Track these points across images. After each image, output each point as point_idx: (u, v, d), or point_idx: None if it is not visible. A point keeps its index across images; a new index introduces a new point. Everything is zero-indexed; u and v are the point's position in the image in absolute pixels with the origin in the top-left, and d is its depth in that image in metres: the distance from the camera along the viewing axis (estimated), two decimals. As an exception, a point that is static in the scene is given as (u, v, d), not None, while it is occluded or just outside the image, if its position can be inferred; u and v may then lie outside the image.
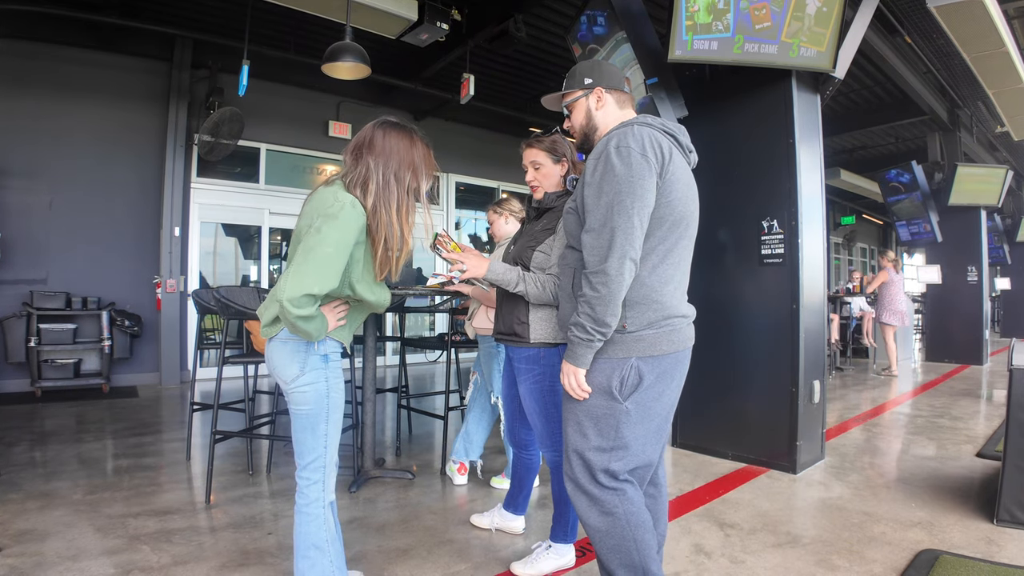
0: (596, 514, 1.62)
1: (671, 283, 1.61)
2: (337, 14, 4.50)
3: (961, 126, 8.09)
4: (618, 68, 1.82)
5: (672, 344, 1.60)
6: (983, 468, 3.38)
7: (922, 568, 2.16)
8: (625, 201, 1.50)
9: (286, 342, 1.65)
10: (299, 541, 1.68)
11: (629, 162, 1.52)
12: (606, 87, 1.76)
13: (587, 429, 1.62)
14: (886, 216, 11.89)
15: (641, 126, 1.61)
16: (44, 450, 3.69)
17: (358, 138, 1.69)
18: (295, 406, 1.67)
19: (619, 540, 1.60)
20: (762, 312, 3.48)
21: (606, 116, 1.77)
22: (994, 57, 5.01)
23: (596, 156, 1.60)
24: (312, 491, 1.68)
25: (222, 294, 2.87)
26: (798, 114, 3.40)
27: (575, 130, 1.83)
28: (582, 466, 1.63)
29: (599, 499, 1.61)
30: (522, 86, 7.83)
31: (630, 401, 1.59)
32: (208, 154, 6.33)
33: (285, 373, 1.65)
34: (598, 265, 1.51)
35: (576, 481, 1.65)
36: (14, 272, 5.57)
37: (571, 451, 1.66)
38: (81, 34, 5.80)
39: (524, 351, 2.10)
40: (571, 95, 1.81)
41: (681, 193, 1.61)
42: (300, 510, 1.68)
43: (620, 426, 1.59)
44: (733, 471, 3.38)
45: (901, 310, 7.10)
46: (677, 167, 1.62)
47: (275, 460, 3.41)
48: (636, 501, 1.63)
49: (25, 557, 2.18)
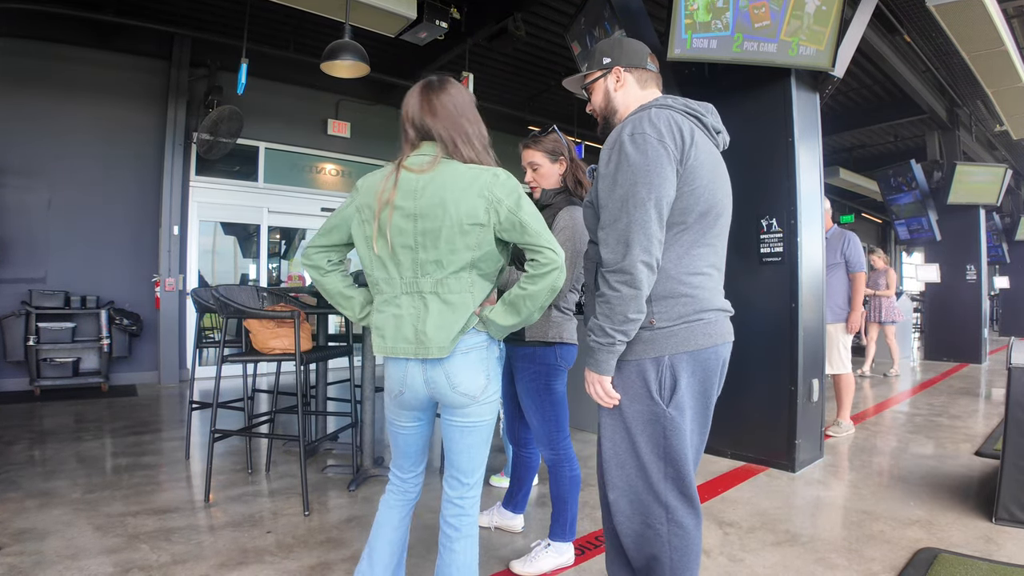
0: (637, 523, 1.51)
1: (700, 274, 1.49)
2: (336, 12, 4.49)
3: (960, 125, 8.08)
4: (642, 45, 1.67)
5: (708, 338, 1.48)
6: (982, 467, 3.39)
7: (921, 566, 2.16)
8: (640, 193, 1.38)
9: (468, 352, 1.46)
10: (463, 574, 1.51)
11: (644, 150, 1.40)
12: (625, 66, 1.63)
13: (636, 436, 1.48)
14: (885, 215, 11.89)
15: (660, 108, 1.49)
16: (43, 449, 3.69)
17: (425, 103, 1.48)
18: (478, 419, 1.49)
19: (656, 552, 1.49)
20: (761, 311, 3.48)
21: (626, 97, 1.64)
22: (993, 56, 5.01)
23: (610, 145, 1.48)
24: (476, 509, 1.55)
25: (221, 293, 2.86)
26: (797, 113, 3.40)
27: (596, 113, 1.72)
28: (624, 476, 1.51)
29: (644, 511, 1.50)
30: (521, 84, 7.83)
31: (672, 405, 1.46)
32: (207, 152, 6.32)
33: (472, 387, 1.46)
34: (616, 263, 1.39)
35: (618, 491, 1.52)
36: (13, 271, 5.56)
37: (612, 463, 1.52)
38: (80, 32, 5.78)
39: (520, 349, 2.12)
40: (591, 76, 1.68)
41: (707, 180, 1.47)
42: (464, 535, 1.52)
43: (668, 433, 1.46)
44: (732, 470, 3.38)
45: (897, 307, 7.15)
46: (701, 151, 1.47)
47: (274, 459, 3.41)
48: (686, 524, 1.48)
49: (24, 556, 2.18)
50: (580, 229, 2.11)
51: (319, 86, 7.00)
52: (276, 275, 7.73)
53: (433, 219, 1.41)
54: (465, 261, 1.43)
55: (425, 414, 1.60)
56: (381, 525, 1.61)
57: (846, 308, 4.12)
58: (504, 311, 1.46)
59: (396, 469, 1.65)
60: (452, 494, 1.55)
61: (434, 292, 1.44)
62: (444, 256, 1.42)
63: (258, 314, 2.82)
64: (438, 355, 1.43)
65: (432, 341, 1.42)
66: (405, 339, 1.45)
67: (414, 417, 1.58)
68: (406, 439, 1.61)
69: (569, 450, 2.19)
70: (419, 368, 1.47)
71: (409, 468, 1.63)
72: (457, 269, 1.43)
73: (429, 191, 1.42)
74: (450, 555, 1.52)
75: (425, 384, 1.48)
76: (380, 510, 1.64)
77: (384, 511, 1.63)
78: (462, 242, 1.41)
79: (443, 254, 1.42)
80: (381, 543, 1.59)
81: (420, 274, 1.44)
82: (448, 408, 1.51)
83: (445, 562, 1.52)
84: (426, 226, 1.42)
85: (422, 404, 1.54)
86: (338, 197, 7.82)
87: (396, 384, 1.53)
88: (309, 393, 3.69)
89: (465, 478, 1.54)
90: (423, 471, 1.66)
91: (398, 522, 1.62)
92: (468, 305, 1.45)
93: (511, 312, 1.45)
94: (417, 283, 1.45)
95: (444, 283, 1.44)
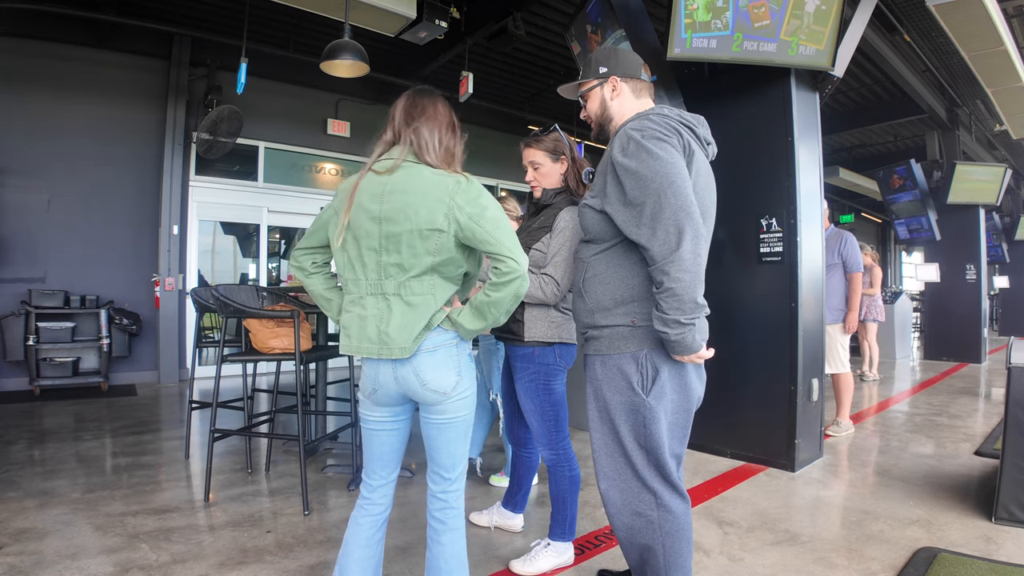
0: (628, 514, 1.57)
1: None
2: (336, 12, 4.49)
3: (960, 124, 8.09)
4: (636, 56, 1.76)
5: None
6: (981, 466, 3.39)
7: (920, 566, 2.16)
8: (676, 181, 1.43)
9: (435, 351, 1.49)
10: (451, 564, 1.53)
11: (664, 146, 1.47)
12: (621, 76, 1.70)
13: (619, 426, 1.57)
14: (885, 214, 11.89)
15: (659, 117, 1.56)
16: (43, 448, 3.69)
17: (406, 107, 1.54)
18: (453, 415, 1.52)
19: (648, 541, 1.55)
20: (761, 310, 3.48)
21: (621, 106, 1.71)
22: (993, 56, 5.00)
23: (622, 149, 1.52)
24: (460, 502, 1.58)
25: (221, 292, 2.86)
26: (797, 112, 3.40)
27: (591, 120, 1.77)
28: (613, 465, 1.59)
29: (634, 499, 1.57)
30: (521, 84, 7.83)
31: (652, 396, 1.53)
32: (206, 152, 6.32)
33: (443, 383, 1.49)
34: (669, 252, 1.41)
35: (609, 479, 1.60)
36: (12, 270, 5.56)
37: (602, 452, 1.61)
38: (79, 32, 5.78)
39: (520, 349, 2.12)
40: (586, 84, 1.75)
41: (701, 188, 1.55)
42: (450, 528, 1.55)
43: (647, 422, 1.54)
44: (731, 469, 3.38)
45: (880, 306, 6.82)
46: (698, 160, 1.56)
47: (274, 458, 3.41)
48: (675, 509, 1.56)
49: (24, 556, 2.18)
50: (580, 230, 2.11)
51: (319, 85, 7.00)
52: (276, 275, 7.72)
53: (396, 223, 1.44)
54: (426, 265, 1.46)
55: (402, 412, 1.60)
56: (349, 543, 1.59)
57: (844, 308, 4.12)
58: (471, 315, 1.49)
59: (367, 477, 1.63)
60: (436, 489, 1.58)
61: (397, 294, 1.48)
62: (406, 259, 1.46)
63: (258, 313, 2.82)
64: (400, 355, 1.46)
65: (395, 342, 1.46)
66: (369, 339, 1.49)
67: (390, 414, 1.59)
68: (380, 440, 1.60)
69: (568, 450, 2.19)
70: (389, 367, 1.50)
71: (381, 474, 1.61)
72: (419, 273, 1.47)
73: (394, 195, 1.45)
74: (438, 548, 1.55)
75: (395, 382, 1.51)
76: (349, 526, 1.61)
77: (352, 528, 1.60)
78: (422, 247, 1.44)
79: (405, 258, 1.46)
80: (350, 562, 1.57)
81: (384, 276, 1.48)
82: (424, 405, 1.54)
83: (434, 555, 1.56)
84: (390, 230, 1.45)
85: (396, 401, 1.56)
86: (338, 197, 7.81)
87: (369, 382, 1.55)
88: (309, 393, 3.69)
89: (447, 473, 1.57)
90: (393, 481, 1.64)
91: (365, 540, 1.58)
92: (430, 306, 1.48)
93: (477, 316, 1.48)
94: (381, 284, 1.49)
95: (406, 285, 1.47)
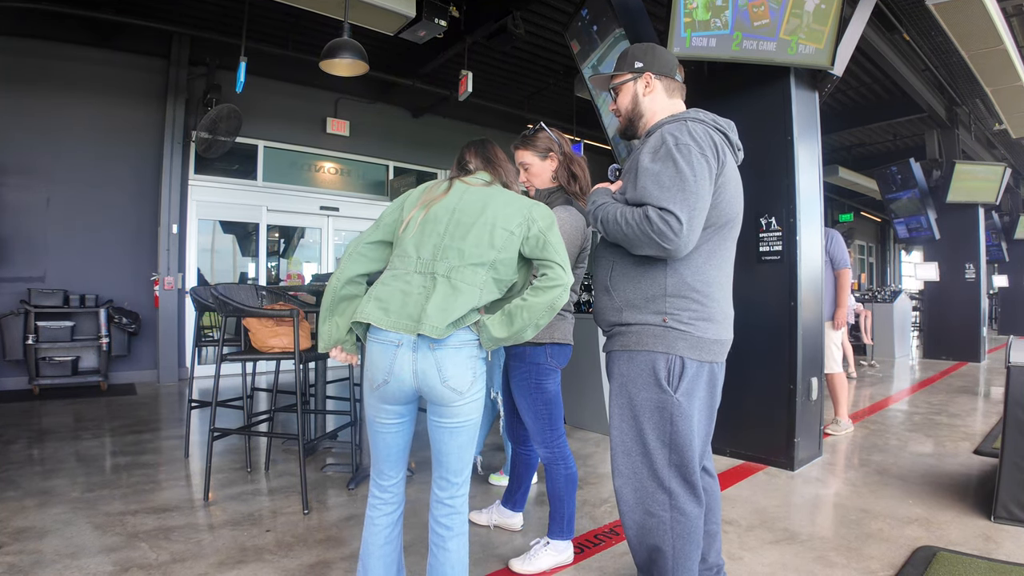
0: (640, 513, 1.57)
1: (714, 284, 1.59)
2: (335, 11, 4.49)
3: (959, 123, 8.09)
4: (672, 56, 1.75)
5: (715, 343, 1.60)
6: (980, 465, 3.39)
7: (919, 565, 2.16)
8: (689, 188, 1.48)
9: (460, 348, 1.48)
10: (456, 570, 1.53)
11: (690, 160, 1.47)
12: (656, 73, 1.69)
13: (644, 423, 1.56)
14: (884, 213, 11.90)
15: (695, 123, 1.55)
16: (42, 448, 3.69)
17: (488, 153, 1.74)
18: (465, 418, 1.51)
19: (658, 542, 1.55)
20: (760, 309, 3.48)
21: (653, 103, 1.70)
22: (992, 55, 5.00)
23: (653, 151, 1.52)
24: (466, 506, 1.57)
25: (220, 291, 2.86)
26: (796, 111, 3.40)
27: (620, 113, 1.77)
28: (629, 463, 1.58)
29: (647, 499, 1.56)
30: (521, 83, 7.83)
31: (680, 392, 1.54)
32: (206, 151, 6.31)
33: (461, 382, 1.48)
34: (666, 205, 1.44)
35: (623, 477, 1.59)
36: (12, 270, 5.56)
37: (619, 450, 1.60)
38: (78, 31, 5.77)
39: (513, 348, 2.13)
40: (620, 77, 1.73)
41: (731, 194, 1.58)
42: (456, 533, 1.54)
43: (675, 419, 1.54)
44: (731, 468, 3.38)
45: (853, 305, 6.66)
46: (729, 167, 1.58)
47: (273, 457, 3.41)
48: (688, 511, 1.55)
49: (23, 555, 2.18)
50: (573, 229, 2.10)
51: (318, 84, 6.99)
52: (275, 274, 7.72)
53: (469, 215, 1.54)
54: (487, 258, 1.50)
55: (407, 410, 1.57)
56: (369, 543, 1.58)
57: (832, 306, 4.12)
58: (500, 320, 1.49)
59: (377, 477, 1.61)
60: (443, 495, 1.55)
61: (446, 276, 1.49)
62: (469, 247, 1.51)
63: (257, 312, 2.82)
64: (429, 333, 1.42)
65: (429, 319, 1.43)
66: (409, 316, 1.46)
67: (396, 413, 1.55)
68: (386, 438, 1.57)
69: (564, 448, 2.19)
70: (409, 357, 1.46)
71: (390, 474, 1.60)
72: (476, 263, 1.50)
73: (477, 198, 1.58)
74: (444, 554, 1.52)
75: (414, 375, 1.47)
76: (366, 527, 1.60)
77: (369, 529, 1.59)
78: (488, 239, 1.51)
79: (468, 245, 1.51)
80: (373, 561, 1.57)
81: (439, 257, 1.51)
82: (435, 407, 1.51)
83: (439, 561, 1.53)
84: (460, 219, 1.54)
85: (406, 397, 1.52)
86: (337, 195, 7.81)
87: (380, 373, 1.49)
88: (308, 392, 3.69)
89: (454, 478, 1.55)
90: (403, 478, 1.64)
91: (385, 539, 1.58)
92: (473, 298, 1.48)
93: (506, 321, 1.48)
94: (433, 264, 1.51)
95: (459, 270, 1.49)
